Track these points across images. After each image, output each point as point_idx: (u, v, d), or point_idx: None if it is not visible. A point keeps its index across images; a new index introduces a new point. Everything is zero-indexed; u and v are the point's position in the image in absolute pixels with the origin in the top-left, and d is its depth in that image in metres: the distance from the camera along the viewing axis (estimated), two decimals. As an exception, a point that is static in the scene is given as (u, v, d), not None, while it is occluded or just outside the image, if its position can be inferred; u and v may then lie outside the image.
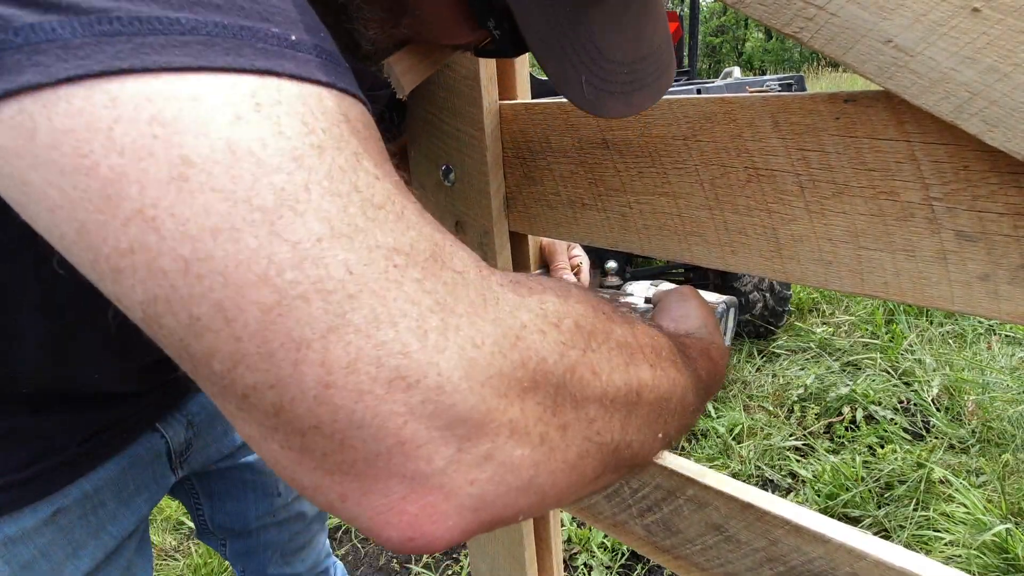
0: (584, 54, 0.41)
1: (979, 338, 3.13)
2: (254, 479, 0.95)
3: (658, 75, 0.47)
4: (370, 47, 0.44)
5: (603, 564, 1.97)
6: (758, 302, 3.14)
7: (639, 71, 0.45)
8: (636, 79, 0.45)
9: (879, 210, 0.41)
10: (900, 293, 0.42)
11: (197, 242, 0.23)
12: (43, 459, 0.61)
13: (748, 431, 2.55)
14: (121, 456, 0.70)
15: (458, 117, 0.63)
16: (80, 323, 0.57)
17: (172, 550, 2.16)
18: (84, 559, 0.66)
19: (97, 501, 0.67)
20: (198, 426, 0.83)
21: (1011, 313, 0.38)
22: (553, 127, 0.58)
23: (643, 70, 0.45)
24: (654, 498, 0.63)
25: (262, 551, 1.02)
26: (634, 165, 0.53)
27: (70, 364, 0.59)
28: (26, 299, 0.52)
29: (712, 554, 0.60)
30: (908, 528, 2.01)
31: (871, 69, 0.34)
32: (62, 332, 0.56)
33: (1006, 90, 0.30)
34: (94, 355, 0.61)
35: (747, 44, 26.21)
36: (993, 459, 2.26)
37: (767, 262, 0.48)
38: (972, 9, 0.30)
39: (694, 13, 3.83)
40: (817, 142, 0.42)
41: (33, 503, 0.61)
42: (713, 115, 0.46)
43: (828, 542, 0.50)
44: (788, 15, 0.35)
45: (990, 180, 0.36)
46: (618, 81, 0.43)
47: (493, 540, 0.86)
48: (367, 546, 2.16)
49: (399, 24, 0.44)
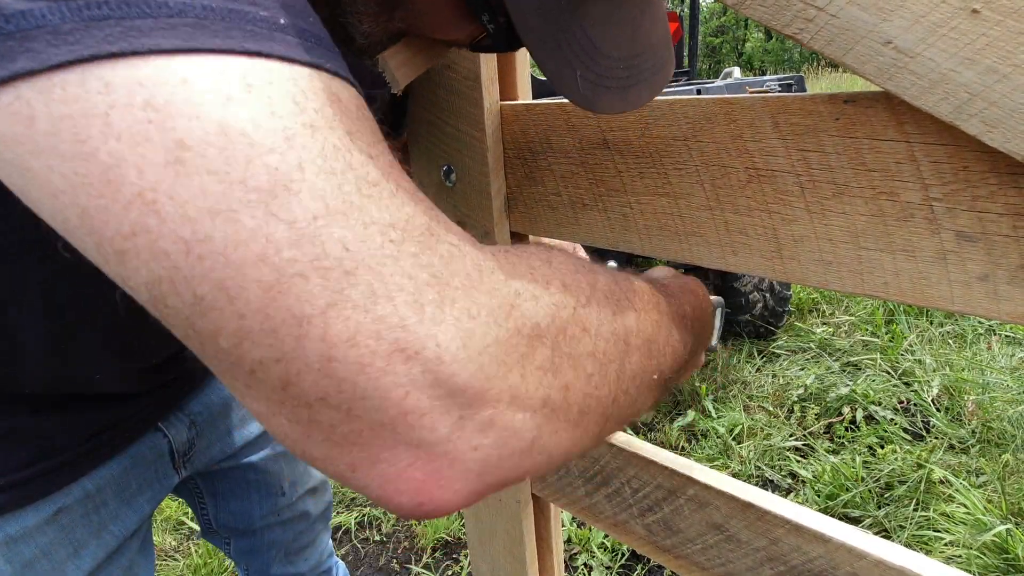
0: (579, 49, 0.41)
1: (979, 338, 3.14)
2: (258, 479, 0.94)
3: (655, 71, 0.47)
4: (364, 41, 0.44)
5: (603, 564, 1.97)
6: (758, 302, 3.14)
7: (635, 67, 0.45)
8: (632, 75, 0.45)
9: (879, 210, 0.41)
10: (900, 293, 0.42)
11: (196, 224, 0.24)
12: (44, 459, 0.61)
13: (748, 431, 2.55)
14: (123, 456, 0.70)
15: (459, 118, 0.63)
16: (80, 323, 0.57)
17: (172, 550, 2.16)
18: (86, 558, 0.66)
19: (99, 500, 0.67)
20: (201, 426, 0.82)
21: (1011, 313, 0.38)
22: (554, 127, 0.58)
23: (639, 66, 0.45)
24: (655, 498, 0.63)
25: (266, 550, 1.02)
26: (635, 166, 0.53)
27: (71, 364, 0.59)
28: (26, 300, 0.52)
29: (713, 553, 0.60)
30: (908, 528, 2.01)
31: (871, 70, 0.34)
32: (62, 333, 0.56)
33: (1005, 91, 0.31)
34: (94, 355, 0.61)
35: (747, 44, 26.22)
36: (993, 459, 2.26)
37: (767, 262, 0.48)
38: (972, 11, 0.30)
39: (694, 13, 3.83)
40: (817, 143, 0.42)
41: (35, 502, 0.61)
42: (713, 116, 0.47)
43: (828, 541, 0.50)
44: (788, 16, 0.36)
45: (989, 181, 0.36)
46: (614, 76, 0.43)
47: (494, 540, 0.86)
48: (367, 546, 2.16)
49: (393, 18, 0.44)
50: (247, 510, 0.96)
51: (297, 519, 1.02)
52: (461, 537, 2.16)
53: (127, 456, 0.71)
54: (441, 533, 2.15)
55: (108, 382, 0.65)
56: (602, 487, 0.68)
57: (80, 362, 0.60)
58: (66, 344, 0.57)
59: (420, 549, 2.13)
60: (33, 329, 0.54)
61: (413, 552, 2.12)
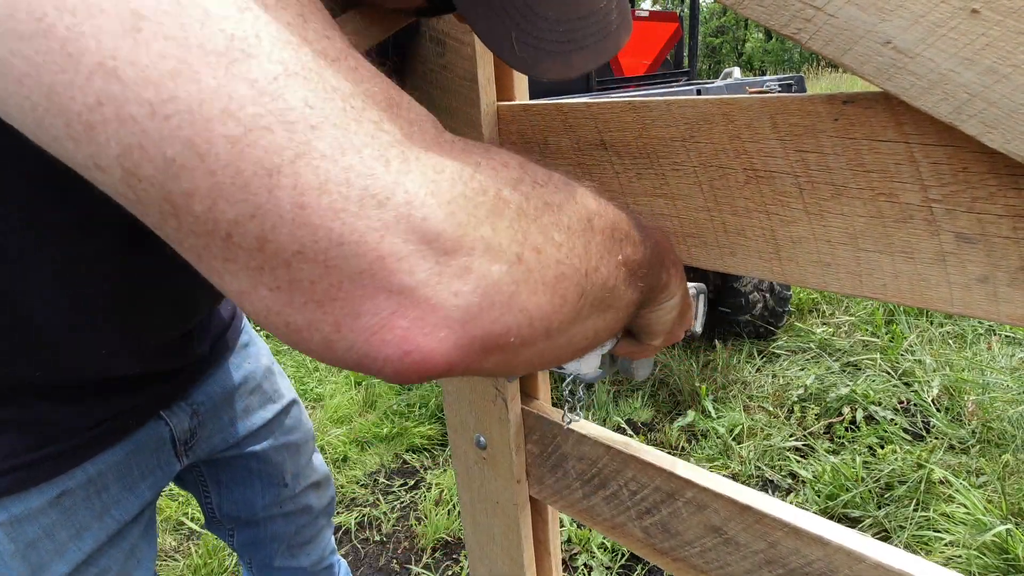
0: (512, 9, 0.41)
1: (979, 338, 3.13)
2: (260, 468, 0.96)
3: (601, 36, 0.46)
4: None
5: (603, 564, 1.97)
6: (758, 302, 3.14)
7: (577, 31, 0.44)
8: (573, 39, 0.44)
9: (878, 212, 0.41)
10: (899, 295, 0.42)
11: (159, 86, 0.24)
12: (50, 444, 0.63)
13: (748, 431, 2.54)
14: (126, 442, 0.72)
15: (456, 118, 0.63)
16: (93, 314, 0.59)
17: (172, 550, 2.16)
18: (87, 540, 0.68)
19: (101, 485, 0.69)
20: (203, 415, 0.84)
21: (1011, 315, 0.38)
22: (551, 128, 0.57)
23: (582, 29, 0.44)
24: (653, 500, 0.63)
25: (269, 542, 1.03)
26: (632, 166, 0.53)
27: (80, 355, 0.61)
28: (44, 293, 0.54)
29: (711, 556, 0.60)
30: (908, 528, 2.00)
31: (870, 70, 0.34)
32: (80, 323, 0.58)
33: (1005, 92, 0.30)
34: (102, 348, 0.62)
35: (747, 45, 26.22)
36: (993, 459, 2.26)
37: (766, 264, 0.47)
38: (971, 11, 0.30)
39: (694, 13, 3.83)
40: (816, 143, 0.42)
41: (39, 485, 0.63)
42: (711, 116, 0.46)
43: (827, 544, 0.50)
44: (786, 16, 0.35)
45: (989, 182, 0.36)
46: (553, 40, 0.43)
47: (492, 543, 0.86)
48: (367, 547, 2.16)
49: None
50: (250, 499, 0.98)
51: (300, 512, 1.04)
52: (461, 537, 2.16)
53: (129, 443, 0.73)
54: (441, 533, 2.15)
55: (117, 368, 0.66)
56: (600, 489, 0.68)
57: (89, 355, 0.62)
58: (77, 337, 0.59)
59: (420, 549, 2.12)
60: (52, 319, 0.56)
61: (413, 552, 2.12)
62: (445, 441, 2.66)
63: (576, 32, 0.44)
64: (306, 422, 1.04)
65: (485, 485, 0.81)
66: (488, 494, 0.82)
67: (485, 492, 0.82)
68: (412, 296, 0.27)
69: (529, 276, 0.31)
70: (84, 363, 0.62)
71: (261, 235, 0.26)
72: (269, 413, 0.96)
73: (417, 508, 2.30)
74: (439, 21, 0.60)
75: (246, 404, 0.92)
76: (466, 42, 0.58)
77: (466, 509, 0.88)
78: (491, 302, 0.29)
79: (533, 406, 0.73)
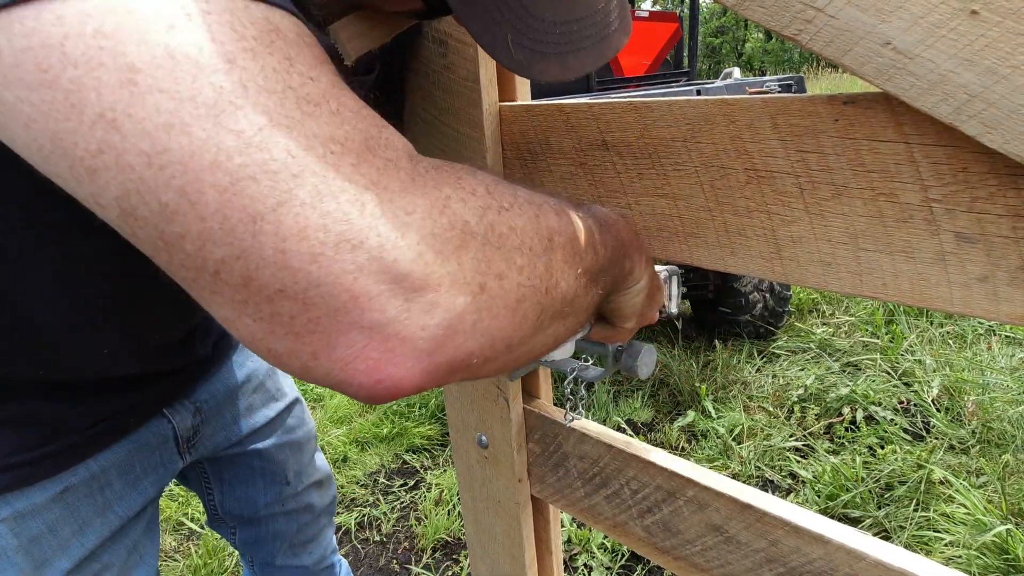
0: (507, 11, 0.42)
1: (979, 339, 3.13)
2: (263, 466, 0.97)
3: (599, 38, 0.47)
4: (319, 13, 0.46)
5: (603, 565, 1.97)
6: (758, 302, 3.14)
7: (574, 32, 0.45)
8: (570, 40, 0.45)
9: (878, 212, 0.41)
10: (899, 294, 0.42)
11: (154, 137, 0.26)
12: (54, 441, 0.63)
13: (748, 432, 2.55)
14: (128, 440, 0.73)
15: (458, 119, 0.63)
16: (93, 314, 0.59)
17: (172, 551, 2.16)
18: (90, 536, 0.68)
19: (103, 481, 0.70)
20: (206, 413, 0.85)
21: (1011, 314, 0.38)
22: (553, 128, 0.58)
23: (579, 31, 0.45)
24: (654, 499, 0.63)
25: (271, 540, 1.04)
26: (634, 167, 0.53)
27: (81, 355, 0.62)
28: (45, 293, 0.54)
29: (712, 555, 0.60)
30: (908, 529, 2.01)
31: (870, 71, 0.34)
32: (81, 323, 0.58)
33: (1005, 92, 0.30)
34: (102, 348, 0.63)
35: (747, 45, 26.22)
36: (993, 460, 2.26)
37: (766, 263, 0.48)
38: (971, 12, 0.30)
39: (694, 14, 3.83)
40: (816, 144, 0.42)
41: (42, 481, 0.64)
42: (712, 117, 0.46)
43: (828, 543, 0.50)
44: (787, 17, 0.36)
45: (989, 182, 0.36)
46: (549, 42, 0.44)
47: (493, 542, 0.86)
48: (367, 547, 2.16)
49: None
50: (252, 497, 0.98)
51: (301, 511, 1.04)
52: (461, 537, 2.16)
53: (132, 440, 0.73)
54: (441, 534, 2.15)
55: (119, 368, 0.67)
56: (601, 488, 0.68)
57: (90, 354, 0.62)
58: (78, 337, 0.60)
59: (420, 550, 2.13)
60: (52, 319, 0.56)
61: (413, 553, 2.12)
62: (445, 441, 2.67)
63: (573, 34, 0.45)
64: (308, 421, 1.05)
65: (487, 484, 0.82)
66: (490, 493, 0.82)
67: (487, 491, 0.82)
68: (383, 332, 0.30)
69: (492, 304, 0.34)
70: (84, 363, 0.63)
71: (246, 274, 0.28)
72: (272, 411, 0.96)
73: (417, 508, 2.31)
74: (441, 22, 0.60)
75: (249, 402, 0.92)
76: (468, 43, 0.58)
77: (468, 508, 0.89)
78: (455, 331, 0.32)
79: (535, 405, 0.73)
